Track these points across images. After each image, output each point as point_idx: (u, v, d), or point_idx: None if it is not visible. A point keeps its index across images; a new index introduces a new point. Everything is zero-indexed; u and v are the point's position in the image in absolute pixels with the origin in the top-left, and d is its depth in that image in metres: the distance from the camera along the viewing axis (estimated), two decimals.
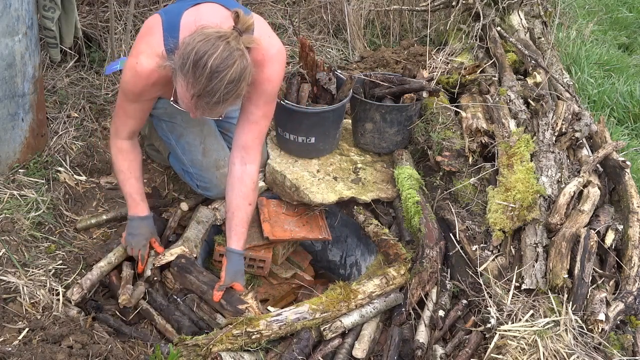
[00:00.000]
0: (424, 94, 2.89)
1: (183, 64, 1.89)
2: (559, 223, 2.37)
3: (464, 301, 2.34)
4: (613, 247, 2.38)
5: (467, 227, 2.52)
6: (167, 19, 2.11)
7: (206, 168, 2.63)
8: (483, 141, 2.79)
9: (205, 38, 1.87)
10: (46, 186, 2.66)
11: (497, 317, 2.15)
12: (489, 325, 2.14)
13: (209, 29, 1.91)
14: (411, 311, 2.35)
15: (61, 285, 2.26)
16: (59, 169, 2.78)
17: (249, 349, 2.06)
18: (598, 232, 2.35)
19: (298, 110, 2.70)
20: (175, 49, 2.01)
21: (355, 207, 2.75)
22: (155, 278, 2.42)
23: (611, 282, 2.28)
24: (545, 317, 2.10)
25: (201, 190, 2.70)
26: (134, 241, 2.43)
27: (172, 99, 2.16)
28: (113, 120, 2.36)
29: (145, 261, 2.44)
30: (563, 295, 2.18)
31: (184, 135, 2.59)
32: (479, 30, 3.56)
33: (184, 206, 2.74)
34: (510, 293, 2.23)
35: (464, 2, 3.73)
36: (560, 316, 2.09)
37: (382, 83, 2.92)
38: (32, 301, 2.15)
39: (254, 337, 2.05)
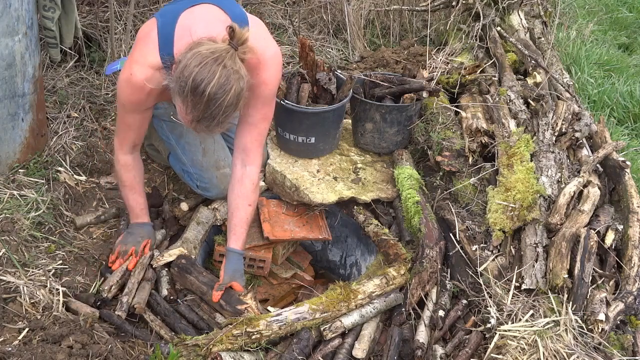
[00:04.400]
0: (424, 94, 2.89)
1: (181, 88, 1.90)
2: (559, 223, 2.37)
3: (464, 301, 2.34)
4: (613, 247, 2.38)
5: (467, 227, 2.52)
6: (163, 24, 2.10)
7: (206, 168, 2.63)
8: (483, 141, 2.79)
9: (201, 62, 1.87)
10: (46, 186, 2.66)
11: (497, 317, 2.15)
12: (489, 325, 2.14)
13: (203, 46, 1.90)
14: (411, 311, 2.35)
15: (61, 285, 2.26)
16: (59, 169, 2.78)
17: (249, 349, 2.06)
18: (598, 232, 2.35)
19: (298, 110, 2.70)
20: (171, 59, 2.02)
21: (355, 207, 2.75)
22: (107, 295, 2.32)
23: (611, 282, 2.28)
24: (545, 317, 2.10)
25: (201, 191, 2.70)
26: (130, 238, 2.46)
27: (172, 114, 2.18)
28: (115, 133, 2.40)
29: (136, 260, 2.42)
30: (563, 295, 2.18)
31: (184, 135, 2.60)
32: (479, 30, 3.56)
33: (184, 206, 2.74)
34: (510, 293, 2.22)
35: (464, 2, 3.73)
36: (560, 316, 2.09)
37: (382, 83, 2.92)
38: (32, 301, 2.15)
39: (254, 337, 2.05)
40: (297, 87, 2.78)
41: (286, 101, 2.70)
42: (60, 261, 2.40)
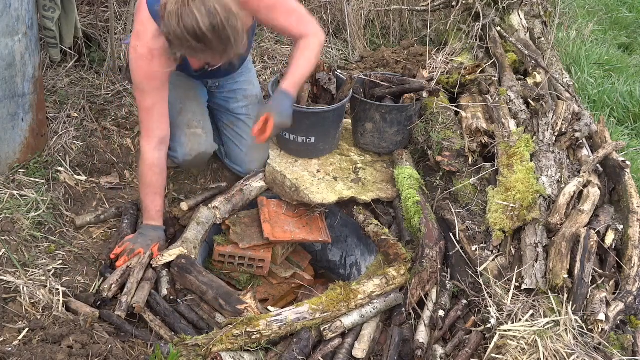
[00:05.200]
0: (424, 94, 2.89)
1: (190, 46, 1.99)
2: (559, 223, 2.37)
3: (464, 301, 2.34)
4: (613, 247, 2.38)
5: (467, 227, 2.52)
6: None
7: (178, 125, 2.61)
8: (483, 141, 2.79)
9: (179, 7, 1.93)
10: (46, 186, 2.66)
11: (497, 317, 2.15)
12: (489, 325, 2.14)
13: None
14: (411, 311, 2.35)
15: (61, 285, 2.26)
16: (59, 169, 2.78)
17: (249, 349, 2.06)
18: (598, 232, 2.35)
19: (298, 110, 2.70)
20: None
21: (355, 207, 2.75)
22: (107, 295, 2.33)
23: (611, 282, 2.28)
24: (545, 317, 2.10)
25: (170, 152, 2.64)
26: (140, 239, 2.46)
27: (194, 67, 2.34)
28: (140, 129, 2.43)
29: (129, 259, 2.40)
30: (563, 295, 2.18)
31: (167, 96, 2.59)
32: (479, 30, 3.56)
33: (184, 206, 2.74)
34: (510, 293, 2.22)
35: (464, 2, 3.73)
36: (560, 316, 2.09)
37: (382, 83, 2.92)
38: (32, 301, 2.15)
39: (254, 337, 2.05)
40: None
41: None
42: (60, 261, 2.40)
